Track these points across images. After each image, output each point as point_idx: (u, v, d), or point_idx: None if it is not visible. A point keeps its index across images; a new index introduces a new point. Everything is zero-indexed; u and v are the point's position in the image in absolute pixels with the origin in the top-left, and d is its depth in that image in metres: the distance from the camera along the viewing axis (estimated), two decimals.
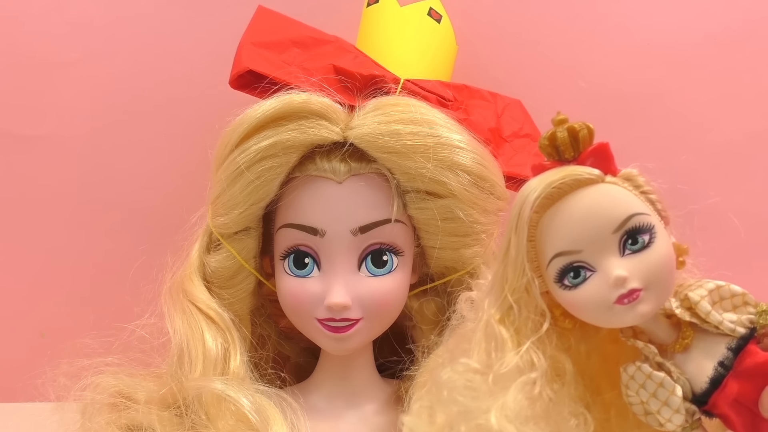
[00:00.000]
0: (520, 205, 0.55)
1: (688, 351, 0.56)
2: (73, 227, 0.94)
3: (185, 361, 0.68)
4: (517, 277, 0.56)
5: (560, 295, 0.55)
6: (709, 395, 0.54)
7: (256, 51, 0.72)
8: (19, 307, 0.95)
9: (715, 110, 0.90)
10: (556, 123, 0.56)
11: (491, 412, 0.53)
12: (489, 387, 0.55)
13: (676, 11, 0.89)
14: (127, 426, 0.67)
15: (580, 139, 0.55)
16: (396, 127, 0.66)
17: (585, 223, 0.54)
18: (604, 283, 0.53)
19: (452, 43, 0.83)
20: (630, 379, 0.56)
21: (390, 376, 0.75)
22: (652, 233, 0.54)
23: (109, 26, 0.92)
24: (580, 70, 0.90)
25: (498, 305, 0.57)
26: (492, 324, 0.56)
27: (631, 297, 0.53)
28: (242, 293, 0.73)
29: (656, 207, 0.56)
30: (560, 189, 0.54)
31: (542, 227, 0.55)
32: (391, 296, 0.69)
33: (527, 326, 0.56)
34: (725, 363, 0.54)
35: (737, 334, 0.54)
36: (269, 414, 0.65)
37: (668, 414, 0.55)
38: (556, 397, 0.56)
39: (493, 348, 0.56)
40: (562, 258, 0.54)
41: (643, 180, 0.56)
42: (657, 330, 0.57)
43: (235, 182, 0.68)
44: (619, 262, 0.53)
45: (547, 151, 0.56)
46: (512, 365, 0.55)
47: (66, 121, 0.93)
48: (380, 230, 0.68)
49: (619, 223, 0.53)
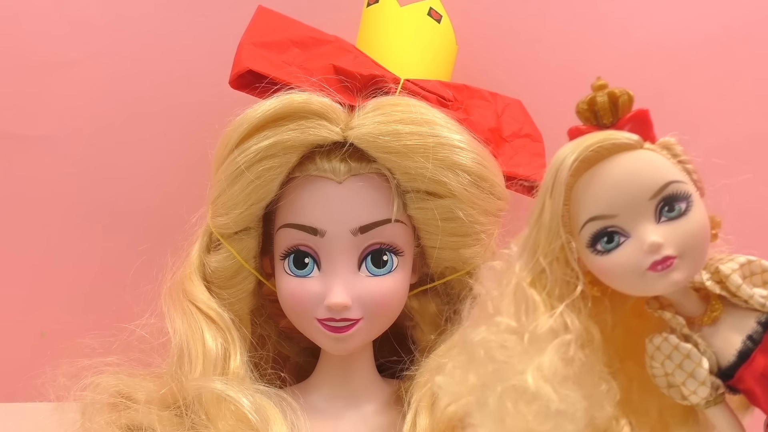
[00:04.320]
0: (557, 167, 0.54)
1: (716, 324, 0.55)
2: (73, 227, 0.94)
3: (185, 361, 0.68)
4: (550, 241, 0.55)
5: (592, 260, 0.54)
6: (736, 369, 0.54)
7: (256, 51, 0.72)
8: (19, 307, 0.95)
9: (714, 110, 0.90)
10: (595, 88, 0.55)
11: (527, 372, 0.53)
12: (524, 347, 0.54)
13: (676, 11, 0.89)
14: (127, 426, 0.67)
15: (620, 104, 0.54)
16: (396, 127, 0.66)
17: (622, 188, 0.52)
18: (638, 249, 0.52)
19: (452, 43, 0.83)
20: (656, 350, 0.56)
21: (390, 376, 0.75)
22: (689, 201, 0.53)
23: (109, 26, 0.92)
24: (580, 70, 0.89)
25: (530, 268, 0.55)
26: (523, 287, 0.55)
27: (665, 264, 0.52)
28: (242, 293, 0.73)
29: (692, 177, 0.55)
30: (598, 152, 0.53)
31: (577, 191, 0.54)
32: (391, 296, 0.69)
33: (560, 289, 0.55)
34: (754, 337, 0.53)
35: (767, 309, 0.53)
36: (269, 414, 0.66)
37: (694, 386, 0.54)
38: (588, 361, 0.55)
39: (524, 311, 0.55)
40: (597, 222, 0.53)
41: (681, 149, 0.55)
42: (685, 302, 0.56)
43: (235, 182, 0.68)
44: (654, 229, 0.52)
45: (585, 115, 0.55)
46: (547, 327, 0.54)
47: (66, 121, 0.92)
48: (380, 230, 0.68)
49: (656, 189, 0.52)
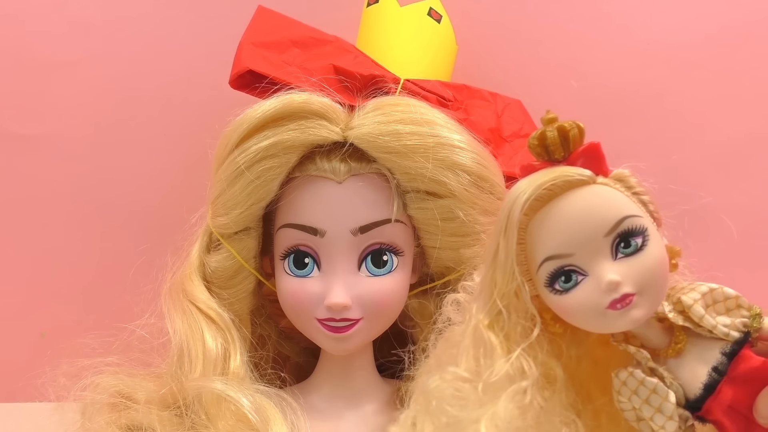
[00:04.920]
0: (509, 207, 0.53)
1: (681, 356, 0.54)
2: (73, 227, 0.94)
3: (185, 361, 0.68)
4: (506, 282, 0.54)
5: (551, 299, 0.54)
6: (703, 401, 0.53)
7: (256, 51, 0.72)
8: (19, 307, 0.95)
9: (714, 111, 0.90)
10: (545, 122, 0.54)
11: (481, 422, 0.52)
12: (478, 396, 0.53)
13: (675, 11, 0.89)
14: (127, 426, 0.67)
15: (571, 138, 0.54)
16: (396, 127, 0.66)
17: (576, 226, 0.52)
18: (596, 287, 0.52)
19: (452, 43, 0.83)
20: (622, 385, 0.55)
21: (390, 376, 0.75)
22: (645, 236, 0.52)
23: (108, 26, 0.92)
24: (580, 70, 0.90)
25: (487, 310, 0.55)
26: (480, 329, 0.55)
27: (624, 302, 0.51)
28: (242, 293, 0.73)
29: (648, 208, 0.55)
30: (550, 190, 0.52)
31: (532, 230, 0.53)
32: (391, 296, 0.69)
33: (517, 332, 0.55)
34: (719, 368, 0.53)
35: (731, 338, 0.53)
36: (269, 414, 0.65)
37: (661, 421, 0.53)
38: (547, 405, 0.54)
39: (482, 354, 0.54)
40: (553, 262, 0.53)
41: (635, 181, 0.55)
42: (649, 335, 0.55)
43: (235, 182, 0.68)
44: (611, 266, 0.52)
45: (536, 151, 0.55)
46: (502, 373, 0.53)
47: (66, 121, 0.93)
48: (380, 230, 0.68)
49: (611, 225, 0.52)
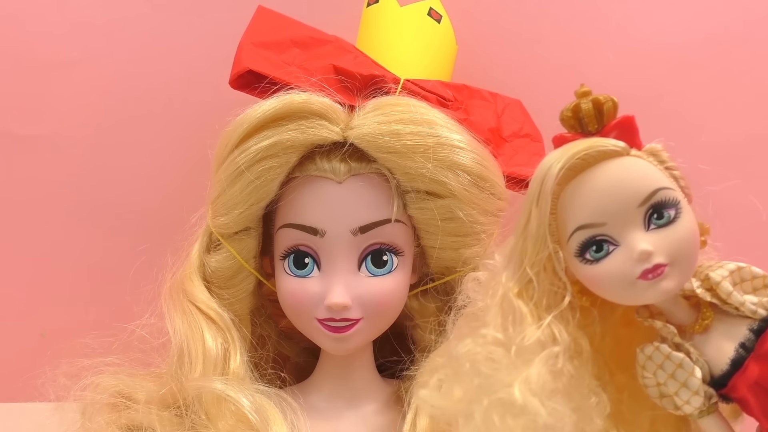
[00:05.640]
0: (542, 176, 0.53)
1: (707, 332, 0.54)
2: (73, 227, 0.94)
3: (185, 361, 0.68)
4: (537, 251, 0.54)
5: (581, 269, 0.54)
6: (729, 377, 0.53)
7: (256, 51, 0.72)
8: (19, 307, 0.95)
9: (714, 111, 0.90)
10: (579, 95, 0.54)
11: (514, 385, 0.52)
12: (511, 360, 0.53)
13: (676, 12, 0.89)
14: (127, 426, 0.67)
15: (605, 111, 0.54)
16: (396, 127, 0.66)
17: (610, 196, 0.52)
18: (627, 257, 0.52)
19: (452, 43, 0.83)
20: (647, 360, 0.55)
21: (390, 376, 0.75)
22: (678, 208, 0.52)
23: (109, 26, 0.92)
24: (580, 70, 0.90)
25: (517, 278, 0.55)
26: (510, 298, 0.55)
27: (656, 272, 0.51)
28: (242, 293, 0.73)
29: (680, 184, 0.55)
30: (584, 160, 0.53)
31: (564, 199, 0.53)
32: (391, 296, 0.69)
33: (547, 300, 0.55)
34: (746, 345, 0.53)
35: (759, 315, 0.53)
36: (269, 414, 0.65)
37: (687, 396, 0.54)
38: (577, 373, 0.54)
39: (511, 322, 0.54)
40: (585, 231, 0.53)
41: (668, 156, 0.55)
42: (675, 311, 0.55)
43: (235, 182, 0.68)
44: (644, 237, 0.52)
45: (569, 123, 0.55)
46: (534, 339, 0.53)
47: (66, 121, 0.93)
48: (380, 230, 0.68)
49: (645, 196, 0.52)
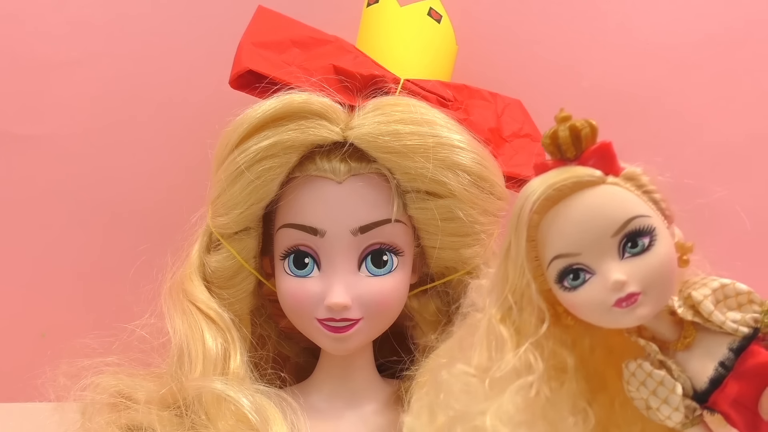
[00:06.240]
0: (521, 205, 0.54)
1: (689, 349, 0.55)
2: (73, 227, 0.94)
3: (185, 361, 0.68)
4: (517, 277, 0.56)
5: (561, 295, 0.55)
6: (709, 394, 0.54)
7: (256, 51, 0.72)
8: (19, 307, 0.95)
9: (714, 111, 0.90)
10: (558, 120, 0.55)
11: (487, 414, 0.54)
12: (485, 390, 0.55)
13: (676, 12, 0.89)
14: (127, 426, 0.67)
15: (582, 137, 0.54)
16: (396, 127, 0.66)
17: (584, 226, 0.53)
18: (602, 286, 0.53)
19: (452, 43, 0.83)
20: (631, 376, 0.56)
21: (390, 376, 0.75)
22: (653, 236, 0.53)
23: (109, 26, 0.92)
24: (580, 70, 0.90)
25: (499, 305, 0.57)
26: (493, 323, 0.56)
27: (629, 301, 0.52)
28: (242, 293, 0.73)
29: (660, 206, 0.55)
30: (560, 191, 0.54)
31: (543, 228, 0.55)
32: (391, 296, 0.69)
33: (528, 326, 0.56)
34: (726, 363, 0.53)
35: (740, 334, 0.53)
36: (269, 414, 0.65)
37: (668, 411, 0.55)
38: (554, 397, 0.56)
39: (494, 348, 0.56)
40: (562, 260, 0.54)
41: (647, 179, 0.55)
42: (660, 327, 0.56)
43: (235, 182, 0.68)
44: (618, 266, 0.53)
45: (549, 149, 0.56)
46: (509, 368, 0.55)
47: (65, 121, 0.92)
48: (380, 230, 0.68)
49: (618, 226, 0.53)
